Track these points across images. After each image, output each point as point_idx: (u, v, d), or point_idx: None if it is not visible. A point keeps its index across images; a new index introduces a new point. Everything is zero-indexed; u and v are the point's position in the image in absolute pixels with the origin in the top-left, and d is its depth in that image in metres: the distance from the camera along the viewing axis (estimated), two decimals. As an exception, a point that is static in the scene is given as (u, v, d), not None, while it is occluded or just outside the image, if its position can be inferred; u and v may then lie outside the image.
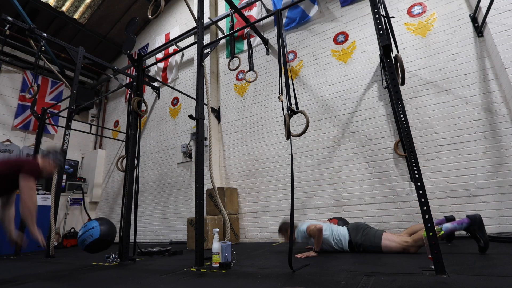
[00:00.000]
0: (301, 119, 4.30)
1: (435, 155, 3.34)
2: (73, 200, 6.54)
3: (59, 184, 4.18)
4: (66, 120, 4.45)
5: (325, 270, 1.95)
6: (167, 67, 6.59)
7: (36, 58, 4.55)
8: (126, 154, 3.57)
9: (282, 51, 2.72)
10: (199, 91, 2.90)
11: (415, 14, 3.85)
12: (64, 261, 3.46)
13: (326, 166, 4.02)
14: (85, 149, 7.72)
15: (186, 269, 2.32)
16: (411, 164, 1.77)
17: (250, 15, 5.37)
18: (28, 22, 5.27)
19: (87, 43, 7.36)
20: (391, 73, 1.98)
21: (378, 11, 2.15)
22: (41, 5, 6.17)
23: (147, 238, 5.75)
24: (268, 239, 4.26)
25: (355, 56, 4.17)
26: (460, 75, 3.38)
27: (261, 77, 4.99)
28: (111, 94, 7.85)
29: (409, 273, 1.67)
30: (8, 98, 6.32)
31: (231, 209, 4.42)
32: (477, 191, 3.05)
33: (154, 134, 6.40)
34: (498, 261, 1.78)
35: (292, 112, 2.51)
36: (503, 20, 3.06)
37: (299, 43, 4.77)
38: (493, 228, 2.90)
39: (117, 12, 7.07)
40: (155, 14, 3.20)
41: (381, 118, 3.77)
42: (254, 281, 1.76)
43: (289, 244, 1.99)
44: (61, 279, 2.27)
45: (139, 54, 3.89)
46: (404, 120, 1.85)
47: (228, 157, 5.03)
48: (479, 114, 3.20)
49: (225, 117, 5.28)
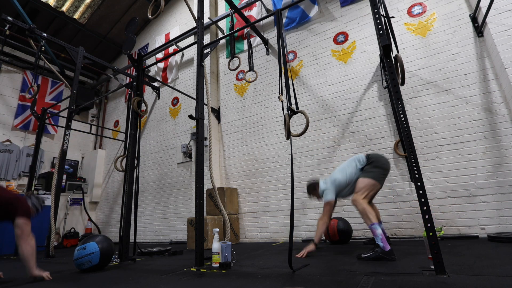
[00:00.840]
0: (301, 119, 4.30)
1: (435, 155, 3.34)
2: (73, 200, 6.54)
3: (59, 184, 4.18)
4: (66, 120, 4.44)
5: (325, 270, 1.95)
6: (167, 67, 6.59)
7: (36, 58, 4.54)
8: (126, 154, 3.57)
9: (282, 51, 2.72)
10: (199, 91, 2.90)
11: (415, 14, 3.85)
12: (64, 261, 3.46)
13: (326, 166, 4.02)
14: (85, 149, 7.72)
15: (186, 269, 2.32)
16: (411, 164, 1.77)
17: (250, 15, 5.37)
18: (28, 22, 5.27)
19: (87, 43, 7.36)
20: (391, 73, 1.98)
21: (378, 11, 2.15)
22: (41, 5, 6.17)
23: (147, 238, 5.75)
24: (268, 239, 4.26)
25: (355, 56, 4.17)
26: (460, 75, 3.38)
27: (261, 77, 4.99)
28: (111, 94, 7.85)
29: (409, 273, 1.67)
30: (8, 98, 6.32)
31: (231, 209, 4.42)
32: (477, 191, 3.05)
33: (154, 134, 6.40)
34: (498, 261, 1.78)
35: (292, 112, 2.51)
36: (503, 20, 3.06)
37: (299, 43, 4.77)
38: (493, 228, 2.90)
39: (117, 12, 7.07)
40: (155, 14, 3.20)
41: (381, 118, 3.77)
42: (254, 281, 1.76)
43: (289, 244, 1.99)
44: (61, 279, 2.27)
45: (139, 54, 3.89)
46: (404, 120, 1.85)
47: (228, 157, 5.03)
48: (479, 114, 3.20)
49: (225, 117, 5.28)
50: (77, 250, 2.54)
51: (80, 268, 2.50)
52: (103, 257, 2.54)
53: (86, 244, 2.54)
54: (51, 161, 6.80)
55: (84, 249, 2.51)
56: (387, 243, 2.16)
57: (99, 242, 2.57)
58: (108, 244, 2.64)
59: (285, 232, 4.12)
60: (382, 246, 2.13)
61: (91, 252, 2.49)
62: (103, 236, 2.69)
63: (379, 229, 2.22)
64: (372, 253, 2.16)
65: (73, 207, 6.55)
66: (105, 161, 7.35)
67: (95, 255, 2.49)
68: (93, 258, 2.48)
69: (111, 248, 2.66)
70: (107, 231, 6.62)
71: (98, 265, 2.51)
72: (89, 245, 2.53)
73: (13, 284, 2.18)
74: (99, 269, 2.56)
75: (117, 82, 7.73)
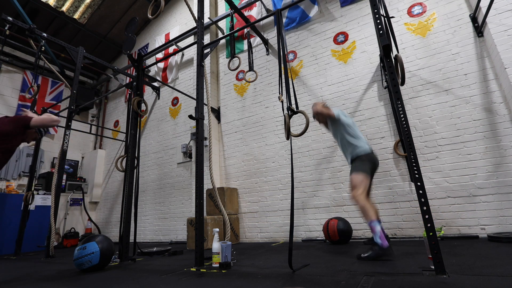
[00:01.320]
0: (301, 119, 4.30)
1: (435, 155, 3.34)
2: (73, 200, 6.54)
3: (59, 184, 4.18)
4: (66, 120, 4.44)
5: (325, 270, 1.95)
6: (167, 67, 6.59)
7: (36, 58, 4.54)
8: (126, 154, 3.57)
9: (282, 51, 2.72)
10: (199, 91, 2.90)
11: (415, 14, 3.85)
12: (64, 261, 3.45)
13: (326, 166, 4.02)
14: (85, 149, 7.72)
15: (186, 269, 2.32)
16: (411, 164, 1.77)
17: (250, 15, 5.37)
18: (28, 22, 5.28)
19: (87, 43, 7.35)
20: (391, 73, 1.98)
21: (378, 11, 2.15)
22: (41, 5, 6.17)
23: (147, 238, 5.75)
24: (268, 239, 4.26)
25: (355, 56, 4.17)
26: (460, 75, 3.38)
27: (261, 77, 4.99)
28: (111, 94, 7.85)
29: (409, 273, 1.67)
30: (8, 98, 6.32)
31: (231, 209, 4.42)
32: (477, 191, 3.05)
33: (154, 134, 6.40)
34: (498, 261, 1.78)
35: (292, 112, 2.51)
36: (503, 20, 3.06)
37: (299, 43, 4.77)
38: (493, 228, 2.90)
39: (117, 12, 7.07)
40: (155, 14, 3.20)
41: (381, 118, 3.77)
42: (254, 281, 1.76)
43: (289, 244, 1.99)
44: (61, 279, 2.27)
45: (139, 54, 3.89)
46: (404, 120, 1.85)
47: (228, 157, 5.03)
48: (479, 114, 3.20)
49: (225, 117, 5.28)
50: (77, 250, 2.53)
51: (80, 268, 2.49)
52: (103, 257, 2.54)
53: (86, 244, 2.53)
54: (51, 161, 6.80)
55: (84, 249, 2.50)
56: (385, 239, 2.15)
57: (99, 242, 2.56)
58: (108, 244, 2.63)
59: (285, 232, 4.12)
60: (380, 244, 2.13)
61: (91, 252, 2.49)
62: (103, 236, 2.69)
63: (378, 226, 2.21)
64: (371, 252, 2.17)
65: (73, 207, 6.56)
66: (105, 161, 7.35)
67: (95, 255, 2.49)
68: (93, 258, 2.48)
69: (111, 248, 2.66)
70: (107, 231, 6.62)
71: (98, 265, 2.51)
72: (89, 245, 2.52)
73: (13, 284, 2.17)
74: (99, 269, 2.56)
75: (117, 82, 7.73)
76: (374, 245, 2.19)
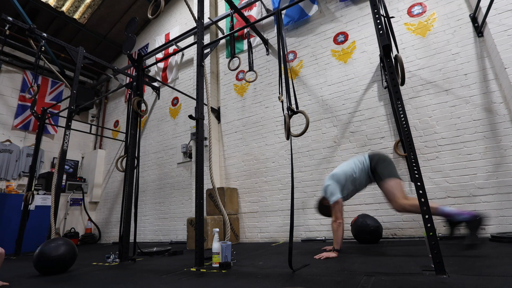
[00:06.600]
0: (301, 119, 4.30)
1: (435, 155, 3.34)
2: (73, 200, 6.55)
3: (59, 184, 4.18)
4: (66, 120, 4.44)
5: (325, 270, 1.95)
6: (167, 67, 6.59)
7: (36, 58, 4.54)
8: (126, 154, 3.57)
9: (282, 51, 2.72)
10: (199, 91, 2.90)
11: (415, 14, 3.85)
12: (64, 261, 3.45)
13: (326, 166, 4.01)
14: (85, 149, 7.72)
15: (186, 269, 2.32)
16: (411, 164, 1.77)
17: (250, 15, 5.37)
18: (28, 22, 5.28)
19: (87, 43, 7.36)
20: (391, 73, 1.98)
21: (378, 11, 2.15)
22: (41, 5, 6.17)
23: (147, 238, 5.75)
24: (268, 239, 4.26)
25: (355, 56, 4.17)
26: (460, 75, 3.38)
27: (261, 77, 4.99)
28: (111, 94, 7.85)
29: (409, 273, 1.67)
30: (8, 98, 6.33)
31: (231, 209, 4.42)
32: (477, 191, 3.05)
33: (154, 134, 6.40)
34: (498, 261, 1.78)
35: (292, 112, 2.51)
36: (503, 20, 3.06)
37: (299, 43, 4.77)
38: (493, 228, 2.90)
39: (117, 12, 7.07)
40: (155, 14, 3.20)
41: (381, 118, 3.77)
42: (254, 281, 1.76)
43: (289, 244, 1.99)
44: (61, 279, 2.27)
45: (139, 54, 3.89)
46: (404, 120, 1.84)
47: (228, 157, 5.03)
48: (479, 114, 3.20)
49: (225, 117, 5.28)
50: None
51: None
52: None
53: None
54: (51, 161, 6.80)
55: None
56: (463, 211, 2.09)
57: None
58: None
59: (285, 232, 4.13)
60: (465, 218, 2.05)
61: None
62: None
63: (446, 208, 2.13)
64: (469, 232, 2.04)
65: (73, 207, 6.56)
66: (105, 161, 7.35)
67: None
68: None
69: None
70: (107, 231, 6.62)
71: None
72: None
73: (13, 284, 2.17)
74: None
75: (117, 82, 7.73)
76: (456, 224, 2.08)
